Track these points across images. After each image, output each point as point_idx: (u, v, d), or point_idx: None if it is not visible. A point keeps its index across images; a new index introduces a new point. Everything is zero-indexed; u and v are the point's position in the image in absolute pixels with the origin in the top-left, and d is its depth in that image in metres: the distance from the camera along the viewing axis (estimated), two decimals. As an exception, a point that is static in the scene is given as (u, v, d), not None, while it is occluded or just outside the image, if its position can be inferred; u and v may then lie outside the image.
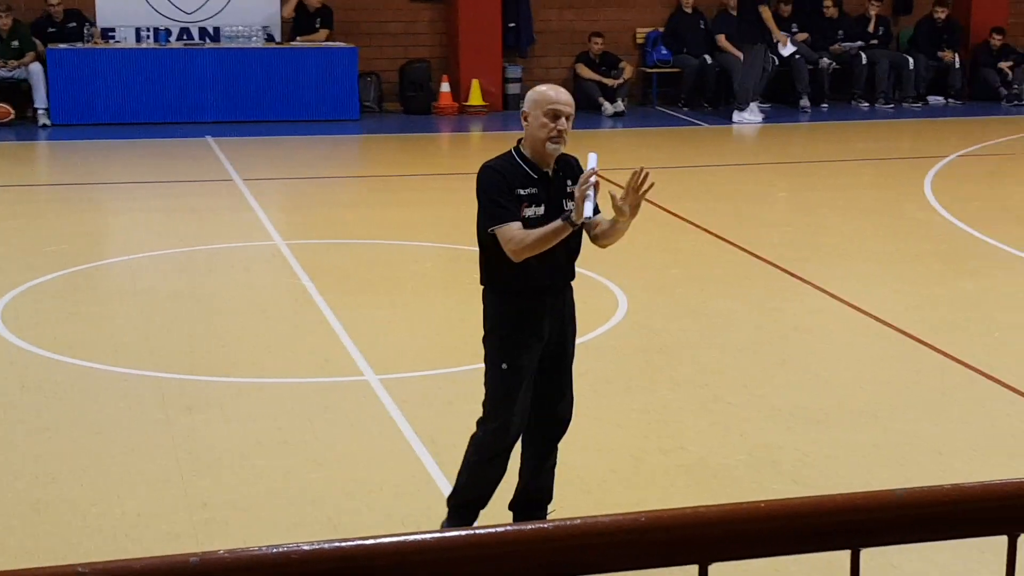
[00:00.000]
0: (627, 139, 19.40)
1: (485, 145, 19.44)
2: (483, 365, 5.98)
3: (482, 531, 1.37)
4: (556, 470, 6.27)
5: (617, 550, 1.38)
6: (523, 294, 5.84)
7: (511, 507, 6.29)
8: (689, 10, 21.31)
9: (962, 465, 7.22)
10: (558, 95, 5.78)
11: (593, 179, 5.55)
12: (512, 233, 5.67)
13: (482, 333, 5.98)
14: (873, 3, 21.84)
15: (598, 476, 7.07)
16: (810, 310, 10.20)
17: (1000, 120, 20.76)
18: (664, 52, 21.40)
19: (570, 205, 5.73)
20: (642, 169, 5.59)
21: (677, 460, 7.27)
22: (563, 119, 5.72)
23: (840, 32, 21.77)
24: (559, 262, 5.88)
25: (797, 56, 20.98)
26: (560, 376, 6.09)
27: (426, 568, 1.37)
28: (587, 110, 20.24)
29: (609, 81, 20.59)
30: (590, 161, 5.71)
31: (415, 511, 6.60)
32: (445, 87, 20.40)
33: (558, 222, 5.63)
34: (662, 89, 21.44)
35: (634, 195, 5.60)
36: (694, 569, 1.52)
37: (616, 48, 21.15)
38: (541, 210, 5.75)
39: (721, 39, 21.04)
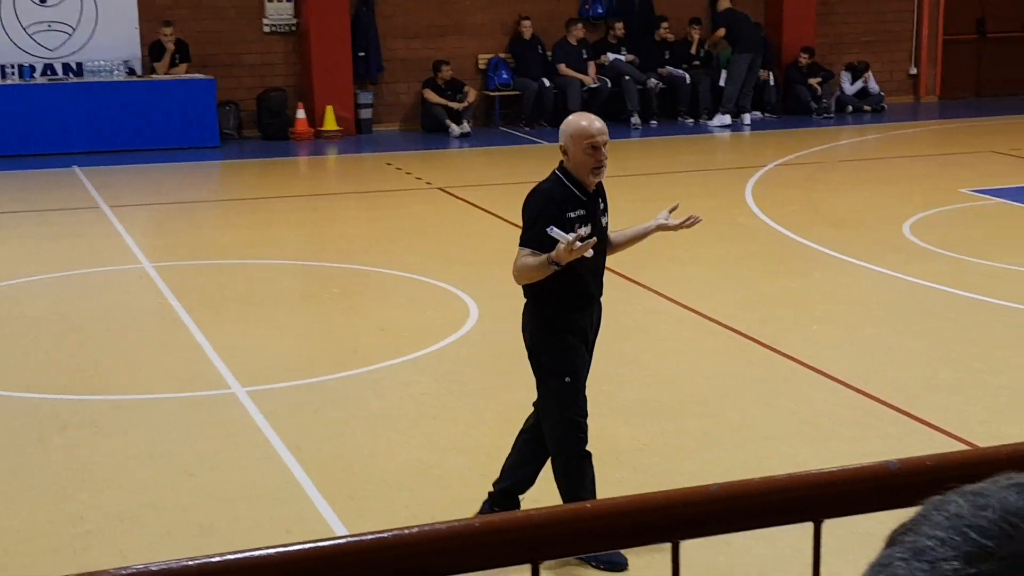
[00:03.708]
0: (473, 158, 19.47)
1: (340, 167, 19.34)
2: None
3: (323, 543, 1.36)
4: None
5: (454, 554, 1.39)
6: (572, 307, 5.85)
7: (495, 503, 6.26)
8: (528, 37, 21.41)
9: (786, 448, 7.36)
10: (591, 125, 5.74)
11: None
12: (523, 260, 5.67)
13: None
14: (694, 28, 22.20)
15: (456, 472, 7.08)
16: (647, 311, 10.31)
17: (812, 131, 21.18)
18: (505, 76, 21.50)
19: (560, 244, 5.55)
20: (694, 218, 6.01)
21: (528, 456, 7.29)
22: (603, 148, 5.72)
23: (667, 53, 22.05)
24: (596, 276, 5.93)
25: (627, 77, 21.24)
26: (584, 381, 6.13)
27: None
28: (435, 132, 20.35)
29: (455, 105, 20.62)
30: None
31: (285, 516, 6.55)
32: (301, 114, 20.25)
33: (545, 262, 5.57)
34: (504, 110, 21.52)
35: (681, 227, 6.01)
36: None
37: (460, 73, 21.17)
38: (588, 228, 5.74)
39: (562, 67, 21.16)
